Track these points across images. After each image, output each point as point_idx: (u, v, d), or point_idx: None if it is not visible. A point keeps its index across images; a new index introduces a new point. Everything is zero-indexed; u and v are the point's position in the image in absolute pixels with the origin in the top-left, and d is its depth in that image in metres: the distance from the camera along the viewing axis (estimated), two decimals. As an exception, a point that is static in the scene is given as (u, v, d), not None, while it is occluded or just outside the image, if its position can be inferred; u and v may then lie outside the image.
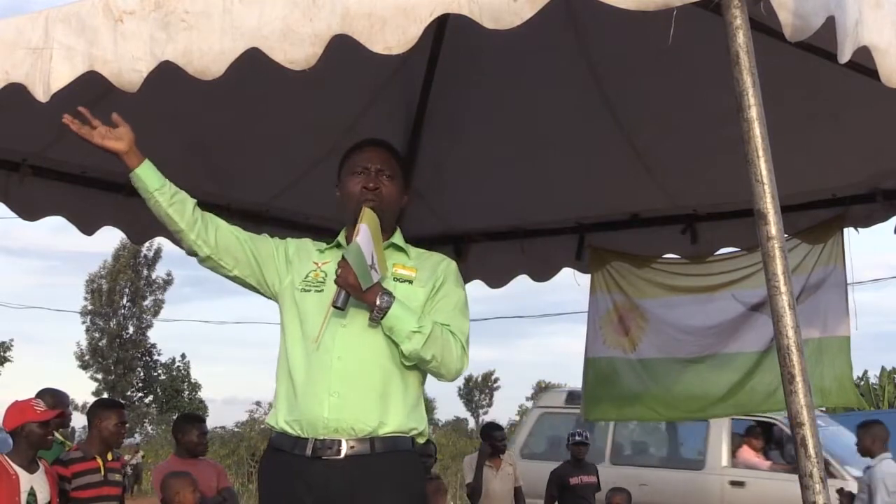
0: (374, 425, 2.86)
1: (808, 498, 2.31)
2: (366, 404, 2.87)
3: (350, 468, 2.82)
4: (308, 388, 2.89)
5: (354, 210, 3.02)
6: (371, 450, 2.85)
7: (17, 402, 4.82)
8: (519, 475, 8.19)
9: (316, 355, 2.90)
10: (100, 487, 5.03)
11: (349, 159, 3.14)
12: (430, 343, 2.88)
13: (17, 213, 4.83)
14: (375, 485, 2.84)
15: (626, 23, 2.87)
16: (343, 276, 2.86)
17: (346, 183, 3.10)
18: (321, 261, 3.08)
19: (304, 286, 3.03)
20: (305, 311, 2.99)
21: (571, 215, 5.91)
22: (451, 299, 3.05)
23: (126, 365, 43.81)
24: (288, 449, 2.89)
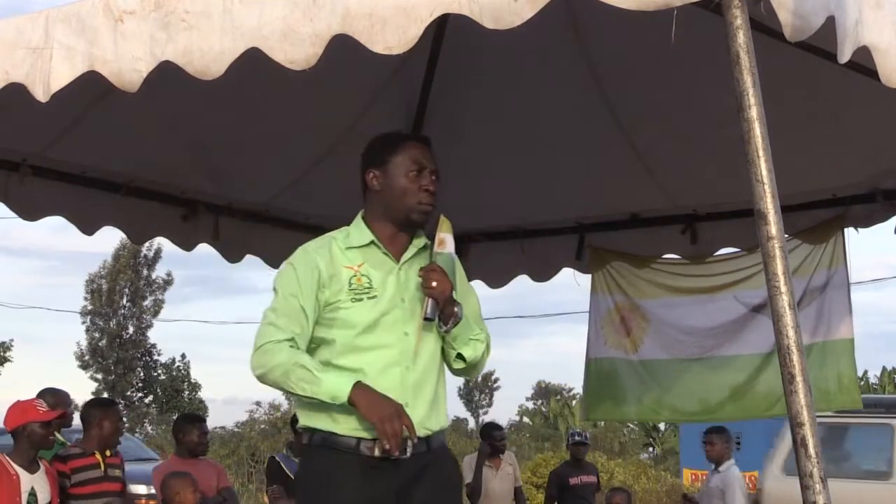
0: (436, 428, 2.98)
1: (808, 498, 2.31)
2: (429, 410, 2.95)
3: (414, 465, 2.90)
4: None
5: (408, 207, 2.98)
6: (427, 448, 2.94)
7: (18, 401, 4.82)
8: (519, 475, 8.20)
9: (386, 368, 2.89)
10: (100, 483, 5.03)
11: (401, 152, 3.02)
12: (484, 350, 3.02)
13: (17, 213, 4.83)
14: (436, 477, 2.95)
15: (627, 23, 2.87)
16: (441, 288, 2.87)
17: (395, 177, 2.99)
18: (354, 264, 2.97)
19: (353, 296, 2.91)
20: (364, 321, 2.90)
21: (571, 215, 5.91)
22: (472, 302, 3.12)
23: (126, 365, 43.75)
24: (352, 449, 2.88)
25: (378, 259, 2.99)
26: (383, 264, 2.99)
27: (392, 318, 2.92)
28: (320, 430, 2.92)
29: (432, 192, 3.00)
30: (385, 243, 3.01)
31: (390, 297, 2.93)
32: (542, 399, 55.72)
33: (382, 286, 2.94)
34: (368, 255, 2.98)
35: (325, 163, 5.28)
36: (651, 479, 22.76)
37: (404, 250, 3.03)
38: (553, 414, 45.91)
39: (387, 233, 3.02)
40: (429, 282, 2.88)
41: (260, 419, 37.31)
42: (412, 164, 2.99)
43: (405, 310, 2.94)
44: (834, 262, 5.31)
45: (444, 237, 2.95)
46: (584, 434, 8.78)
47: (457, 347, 2.97)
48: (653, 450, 38.51)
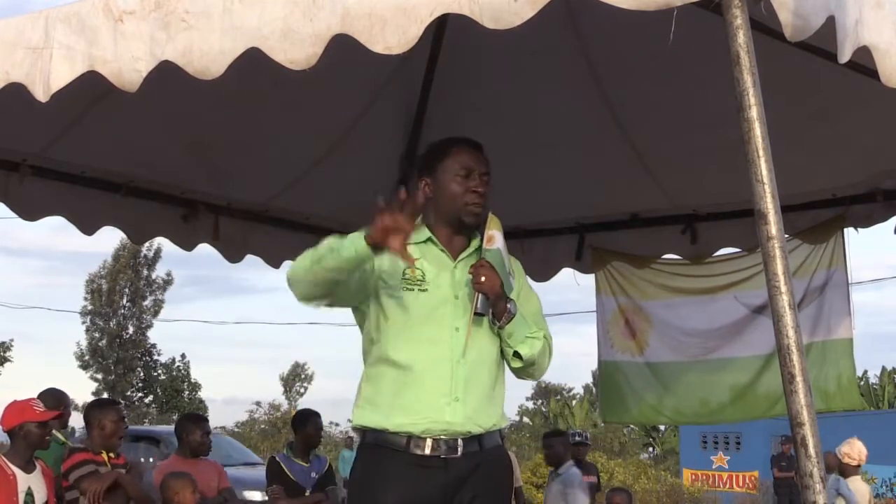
0: (488, 426, 2.98)
1: (809, 498, 2.31)
2: (481, 407, 2.97)
3: (465, 464, 2.92)
4: (427, 392, 2.92)
5: (458, 209, 3.03)
6: (480, 447, 2.96)
7: (15, 401, 4.81)
8: (519, 475, 8.20)
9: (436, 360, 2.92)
10: None
11: (451, 157, 3.09)
12: (543, 347, 3.03)
13: (17, 213, 4.83)
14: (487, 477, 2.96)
15: (627, 23, 2.87)
16: (490, 283, 2.90)
17: (446, 181, 3.06)
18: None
19: (405, 285, 2.97)
20: (412, 311, 2.95)
21: (571, 215, 5.90)
22: (534, 302, 3.17)
23: (126, 365, 43.76)
24: (402, 447, 2.91)
25: (434, 255, 3.05)
26: (439, 261, 3.05)
27: (443, 313, 2.96)
28: (372, 428, 2.96)
29: (481, 193, 3.05)
30: (443, 243, 3.07)
31: (443, 292, 2.98)
32: (542, 399, 55.71)
33: (436, 281, 2.99)
34: (426, 251, 3.04)
35: (325, 163, 5.28)
36: (651, 479, 22.80)
37: (462, 250, 3.09)
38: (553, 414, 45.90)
39: (444, 235, 3.08)
40: (478, 277, 2.92)
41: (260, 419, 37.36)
42: (459, 168, 3.06)
43: (457, 306, 2.99)
44: (834, 262, 5.31)
45: (492, 234, 2.99)
46: (585, 434, 8.79)
47: (513, 345, 3.00)
48: (653, 450, 38.55)
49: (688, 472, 23.00)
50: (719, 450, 22.47)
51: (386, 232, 2.68)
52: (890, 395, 33.41)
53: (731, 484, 22.17)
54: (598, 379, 6.19)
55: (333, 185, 5.40)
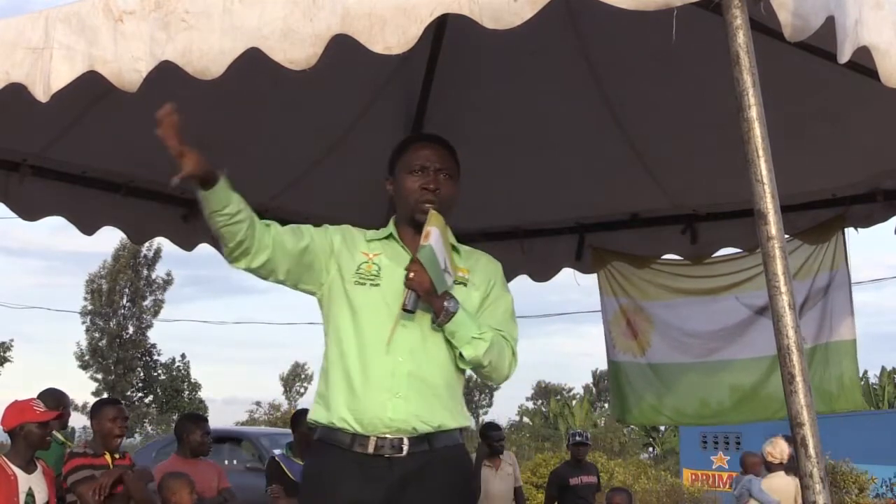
0: (436, 424, 2.91)
1: (808, 498, 2.31)
2: (428, 405, 2.91)
3: (411, 464, 2.87)
4: (370, 388, 2.88)
5: (411, 208, 3.01)
6: (430, 447, 2.90)
7: (16, 401, 4.81)
8: (518, 475, 8.19)
9: (379, 355, 2.89)
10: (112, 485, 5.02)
11: (406, 154, 3.07)
12: (490, 350, 2.94)
13: (17, 213, 4.83)
14: (436, 479, 2.89)
15: (627, 23, 2.87)
16: (418, 280, 2.86)
17: (402, 179, 3.04)
18: (371, 252, 3.02)
19: (357, 279, 2.97)
20: (361, 306, 2.94)
21: (571, 215, 5.90)
22: (502, 304, 3.09)
23: (126, 365, 43.78)
24: (346, 445, 2.88)
25: (395, 252, 3.03)
26: (397, 257, 3.01)
27: (394, 310, 2.91)
28: (322, 424, 2.94)
29: (432, 190, 2.99)
30: (406, 243, 3.04)
31: (396, 288, 2.92)
32: (542, 399, 55.77)
33: (391, 277, 2.95)
34: (387, 248, 3.03)
35: (325, 163, 5.29)
36: (651, 479, 22.79)
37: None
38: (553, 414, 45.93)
39: (407, 234, 3.05)
40: (408, 273, 2.89)
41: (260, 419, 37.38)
42: (413, 166, 3.03)
43: None
44: (836, 264, 5.31)
45: (429, 230, 2.93)
46: (585, 434, 8.79)
47: (457, 345, 2.94)
48: (653, 450, 38.57)
49: (688, 472, 22.99)
50: (719, 450, 22.46)
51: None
52: (890, 395, 33.43)
53: (731, 484, 22.16)
54: (608, 380, 6.17)
55: (333, 185, 5.39)
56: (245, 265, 2.90)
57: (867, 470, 19.63)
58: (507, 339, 3.02)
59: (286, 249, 2.92)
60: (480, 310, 3.02)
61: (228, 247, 2.88)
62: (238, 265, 2.92)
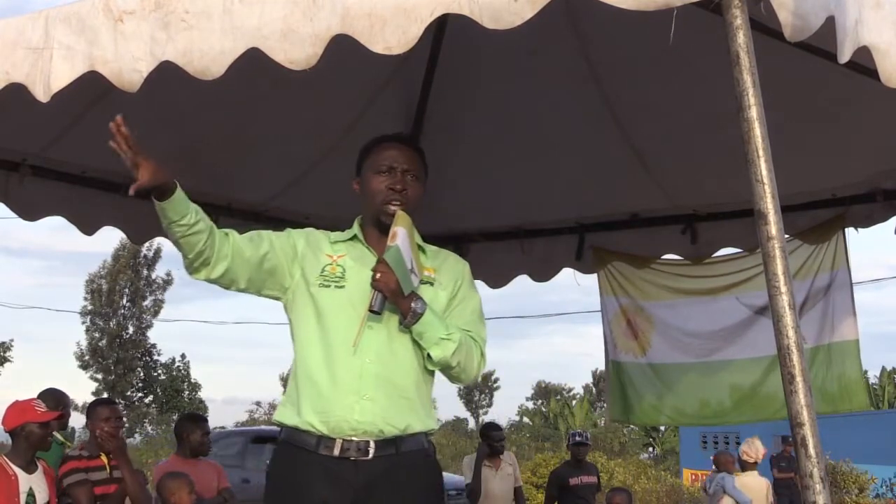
0: (402, 427, 2.89)
1: (808, 498, 2.31)
2: (395, 407, 2.88)
3: (377, 467, 2.84)
4: (337, 390, 2.85)
5: (377, 209, 2.98)
6: (396, 450, 2.87)
7: (17, 401, 4.81)
8: (518, 475, 8.19)
9: (346, 357, 2.86)
10: (108, 485, 5.03)
11: (373, 155, 3.04)
12: (458, 350, 2.92)
13: (17, 213, 4.83)
14: (402, 483, 2.87)
15: (627, 23, 2.87)
16: (384, 280, 2.83)
17: (369, 180, 3.01)
18: (335, 254, 3.00)
19: (321, 281, 2.94)
20: (325, 308, 2.92)
21: (571, 215, 5.91)
22: (469, 304, 3.07)
23: (126, 365, 43.79)
24: (312, 448, 2.85)
25: (359, 253, 3.01)
26: (363, 258, 2.99)
27: (360, 311, 2.88)
28: (287, 425, 2.92)
29: (399, 190, 2.97)
30: (371, 244, 3.01)
31: (362, 289, 2.90)
32: (542, 399, 55.78)
33: (355, 278, 2.93)
34: (351, 249, 3.01)
35: (325, 163, 5.28)
36: (651, 479, 22.79)
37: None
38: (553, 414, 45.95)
39: (373, 235, 3.03)
40: (374, 274, 2.86)
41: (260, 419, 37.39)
42: (380, 166, 3.00)
43: None
44: (836, 264, 5.31)
45: (395, 231, 2.91)
46: (585, 434, 8.78)
47: (425, 346, 2.91)
48: (653, 450, 38.57)
49: (688, 472, 23.00)
50: (719, 450, 22.47)
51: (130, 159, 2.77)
52: (890, 395, 33.44)
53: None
54: (607, 379, 6.16)
55: (333, 185, 5.37)
56: (205, 276, 2.87)
57: (867, 470, 19.64)
58: (475, 339, 3.00)
59: (245, 258, 2.89)
60: (448, 310, 2.99)
61: (188, 258, 2.84)
62: (198, 276, 2.88)
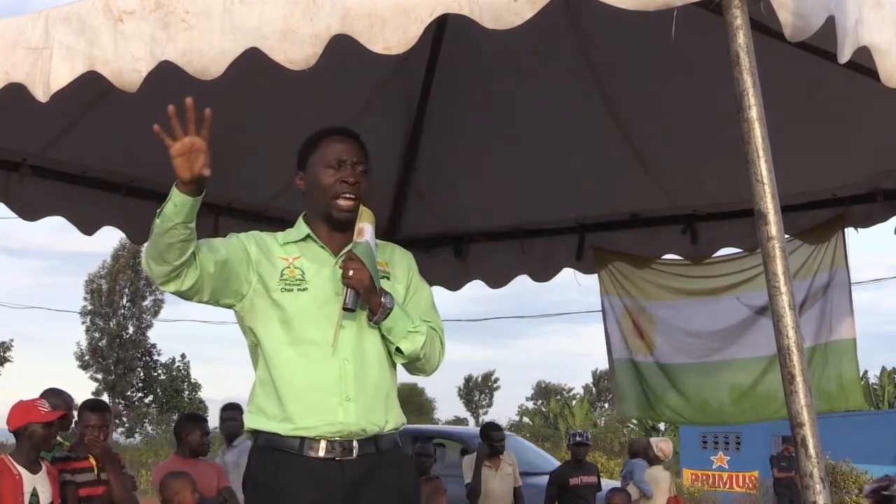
0: (382, 425, 2.89)
1: (808, 498, 2.31)
2: (374, 405, 2.88)
3: (362, 466, 2.84)
4: (318, 393, 2.83)
5: (328, 203, 2.93)
6: (377, 448, 2.87)
7: (21, 401, 4.80)
8: (518, 475, 8.19)
9: (324, 359, 2.84)
10: (95, 486, 5.02)
11: (320, 149, 2.98)
12: (425, 342, 2.92)
13: (17, 213, 4.82)
14: (387, 480, 2.88)
15: (627, 23, 2.87)
16: (358, 277, 2.81)
17: (317, 174, 2.95)
18: (289, 256, 2.94)
19: (283, 286, 2.88)
20: (294, 313, 2.87)
21: (571, 215, 5.90)
22: (423, 294, 3.07)
23: (126, 365, 43.79)
24: (295, 450, 2.83)
25: (314, 252, 2.96)
26: (319, 258, 2.95)
27: (327, 312, 2.86)
28: (264, 431, 2.88)
29: (351, 184, 2.93)
30: (322, 240, 2.97)
31: (325, 290, 2.88)
32: (542, 399, 55.75)
33: (316, 279, 2.90)
34: (305, 250, 2.96)
35: (325, 163, 5.27)
36: (651, 479, 22.75)
37: (343, 246, 2.97)
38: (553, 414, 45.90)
39: (322, 231, 2.98)
40: (346, 271, 2.83)
41: (260, 419, 37.22)
42: (329, 159, 2.94)
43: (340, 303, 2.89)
44: (835, 263, 5.31)
45: (362, 227, 2.90)
46: (585, 434, 8.78)
47: (394, 340, 2.90)
48: (653, 450, 38.54)
49: (688, 472, 22.98)
50: (719, 450, 22.45)
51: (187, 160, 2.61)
52: (890, 395, 33.42)
53: (731, 484, 22.16)
54: (612, 378, 6.15)
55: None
56: (175, 287, 2.79)
57: (867, 470, 19.62)
58: (434, 329, 3.00)
59: (207, 268, 2.82)
60: (405, 302, 2.98)
61: (173, 265, 2.75)
62: (168, 287, 2.81)
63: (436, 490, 6.71)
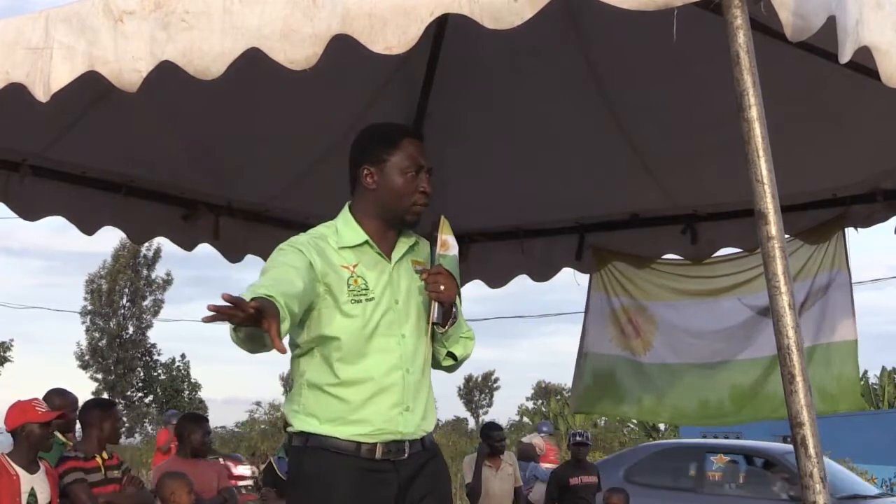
0: (428, 429, 2.96)
1: (808, 498, 2.31)
2: (425, 410, 2.94)
3: (412, 463, 2.90)
4: (378, 403, 2.83)
5: (403, 209, 2.89)
6: (423, 447, 2.94)
7: (19, 401, 4.81)
8: (519, 475, 8.19)
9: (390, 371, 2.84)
10: (103, 486, 5.03)
11: (400, 150, 2.88)
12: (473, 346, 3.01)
13: (17, 213, 4.82)
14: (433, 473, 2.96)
15: (627, 23, 2.87)
16: (449, 293, 2.81)
17: (393, 176, 2.87)
18: (349, 264, 2.86)
19: (352, 297, 2.81)
20: (364, 323, 2.81)
21: (571, 215, 5.90)
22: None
23: (126, 365, 43.81)
24: (352, 452, 2.83)
25: (372, 259, 2.90)
26: (377, 265, 2.90)
27: (388, 321, 2.85)
28: (316, 434, 2.84)
29: (428, 193, 2.92)
30: (376, 241, 2.92)
31: (386, 299, 2.87)
32: (542, 399, 55.71)
33: (377, 288, 2.87)
34: (362, 256, 2.89)
35: (326, 163, 5.28)
36: (651, 479, 22.76)
37: (393, 248, 2.95)
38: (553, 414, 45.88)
39: (377, 230, 2.92)
40: (436, 286, 2.80)
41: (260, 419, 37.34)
42: (410, 165, 2.89)
43: (399, 312, 2.88)
44: (836, 263, 5.30)
45: (446, 238, 2.89)
46: (586, 434, 8.79)
47: (449, 346, 2.95)
48: (653, 450, 38.56)
49: (688, 472, 22.98)
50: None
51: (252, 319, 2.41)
52: (890, 395, 33.42)
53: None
54: (576, 369, 6.09)
55: (333, 185, 5.38)
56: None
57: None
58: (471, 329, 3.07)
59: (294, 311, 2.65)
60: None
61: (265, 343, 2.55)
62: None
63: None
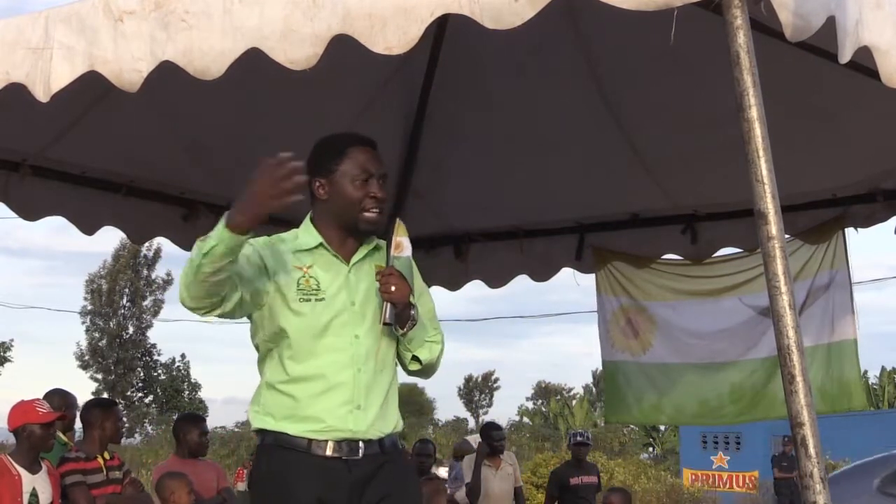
0: (387, 430, 2.94)
1: (809, 498, 2.31)
2: (382, 412, 2.92)
3: (367, 466, 2.88)
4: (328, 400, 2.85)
5: (355, 216, 2.91)
6: (381, 449, 2.91)
7: (20, 401, 4.81)
8: (519, 475, 8.19)
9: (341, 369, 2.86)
10: (104, 486, 5.03)
11: (348, 159, 2.91)
12: (440, 351, 2.99)
13: (17, 213, 4.82)
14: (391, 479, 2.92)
15: (627, 23, 2.87)
16: (401, 293, 2.83)
17: (344, 185, 2.90)
18: (303, 265, 2.91)
19: (301, 296, 2.87)
20: (310, 322, 2.86)
21: (571, 215, 5.90)
22: (426, 300, 3.08)
23: (126, 365, 43.79)
24: (303, 448, 2.85)
25: (327, 261, 2.93)
26: (332, 266, 2.93)
27: (342, 321, 2.88)
28: (271, 430, 2.89)
29: (380, 199, 2.93)
30: (334, 246, 2.95)
31: (340, 300, 2.89)
32: (542, 399, 55.76)
33: (331, 289, 2.90)
34: (318, 258, 2.93)
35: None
36: (651, 479, 22.81)
37: (353, 253, 2.97)
38: (553, 414, 45.92)
39: (335, 238, 2.96)
40: (388, 286, 2.83)
41: (260, 419, 37.27)
42: (359, 173, 2.90)
43: (355, 313, 2.90)
44: (836, 263, 5.30)
45: (400, 241, 2.91)
46: (586, 434, 8.79)
47: (412, 350, 2.94)
48: (653, 450, 38.55)
49: (688, 472, 23.00)
50: (719, 450, 22.47)
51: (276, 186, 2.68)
52: (890, 395, 33.47)
53: (731, 484, 22.18)
54: (601, 379, 6.16)
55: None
56: (220, 312, 2.79)
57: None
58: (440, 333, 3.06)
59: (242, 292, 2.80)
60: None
61: (220, 296, 2.73)
62: (212, 314, 2.80)
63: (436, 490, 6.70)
